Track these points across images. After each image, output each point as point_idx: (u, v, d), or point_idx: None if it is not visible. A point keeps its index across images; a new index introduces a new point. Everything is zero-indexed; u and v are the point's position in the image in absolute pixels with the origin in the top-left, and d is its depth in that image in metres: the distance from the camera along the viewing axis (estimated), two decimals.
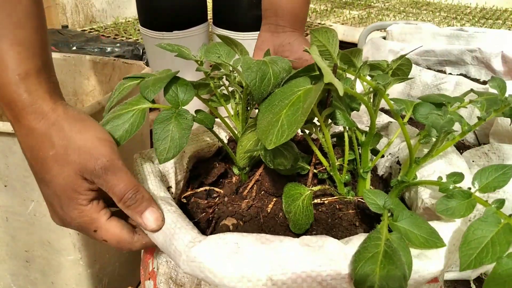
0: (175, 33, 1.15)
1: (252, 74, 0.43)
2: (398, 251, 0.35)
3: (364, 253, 0.36)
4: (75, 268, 0.68)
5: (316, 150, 0.50)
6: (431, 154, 0.42)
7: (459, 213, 0.37)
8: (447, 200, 0.38)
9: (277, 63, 0.45)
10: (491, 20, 2.63)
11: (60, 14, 2.36)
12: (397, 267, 0.34)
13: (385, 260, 0.35)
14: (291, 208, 0.49)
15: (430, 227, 0.38)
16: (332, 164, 0.49)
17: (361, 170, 0.50)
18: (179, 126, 0.45)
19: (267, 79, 0.44)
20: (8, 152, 0.58)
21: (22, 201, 0.63)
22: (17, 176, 0.60)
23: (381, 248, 0.36)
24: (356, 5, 3.00)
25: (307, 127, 0.48)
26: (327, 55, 0.45)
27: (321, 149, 0.51)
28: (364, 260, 0.35)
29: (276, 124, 0.39)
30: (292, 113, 0.39)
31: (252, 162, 0.56)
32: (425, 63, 1.05)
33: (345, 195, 0.52)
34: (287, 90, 0.42)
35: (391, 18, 2.63)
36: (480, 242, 0.34)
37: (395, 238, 0.37)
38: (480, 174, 0.38)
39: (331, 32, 0.43)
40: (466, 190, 0.38)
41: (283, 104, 0.40)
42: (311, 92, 0.39)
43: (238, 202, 0.54)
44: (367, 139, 0.48)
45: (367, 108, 0.44)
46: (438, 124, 0.39)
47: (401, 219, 0.39)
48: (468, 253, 0.34)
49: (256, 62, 0.45)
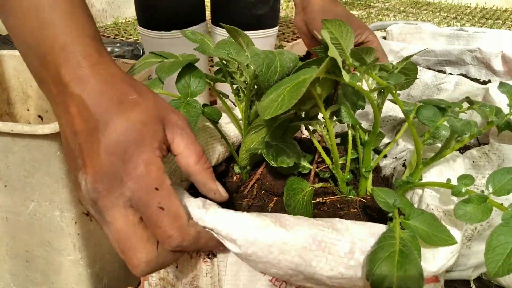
0: (173, 33, 1.15)
1: (259, 60, 0.44)
2: (413, 250, 0.35)
3: (379, 253, 0.35)
4: (75, 268, 0.68)
5: (319, 147, 0.50)
6: (440, 156, 0.42)
7: (476, 218, 0.37)
8: (464, 205, 0.37)
9: (283, 54, 0.46)
10: (491, 20, 2.63)
11: None
12: (414, 266, 0.34)
13: (401, 260, 0.35)
14: (291, 202, 0.48)
15: (440, 224, 0.38)
16: (335, 162, 0.49)
17: (363, 169, 0.50)
18: (187, 114, 0.45)
19: (274, 67, 0.44)
20: (8, 152, 0.58)
21: (22, 201, 0.62)
22: (17, 176, 0.60)
23: (397, 247, 0.35)
24: (356, 5, 3.00)
25: (312, 124, 0.48)
26: (339, 49, 0.44)
27: (324, 148, 0.51)
28: (380, 260, 0.35)
29: (277, 99, 0.39)
30: (294, 90, 0.39)
31: (253, 161, 0.56)
32: (425, 63, 1.05)
33: (346, 194, 0.52)
34: (294, 77, 0.42)
35: (391, 18, 2.63)
36: (506, 247, 0.34)
37: (408, 237, 0.37)
38: (493, 177, 0.38)
39: (345, 26, 0.42)
40: (482, 194, 0.37)
41: (287, 86, 0.41)
42: (313, 71, 0.40)
43: (239, 201, 0.54)
44: (370, 138, 0.48)
45: (372, 105, 0.44)
46: (458, 128, 0.39)
47: (413, 217, 0.38)
48: (494, 259, 0.34)
49: (263, 51, 0.45)
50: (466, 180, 0.39)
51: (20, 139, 0.56)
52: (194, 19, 1.16)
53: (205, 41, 0.51)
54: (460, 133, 0.38)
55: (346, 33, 0.43)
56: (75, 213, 0.63)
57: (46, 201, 0.62)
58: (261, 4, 1.13)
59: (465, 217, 0.37)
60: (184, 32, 0.51)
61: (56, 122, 0.55)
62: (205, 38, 0.52)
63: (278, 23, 1.23)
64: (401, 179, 0.46)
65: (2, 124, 0.55)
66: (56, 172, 0.59)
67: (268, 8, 1.14)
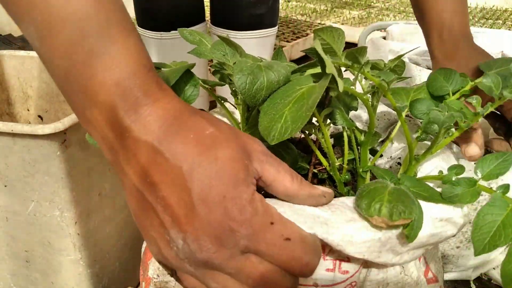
0: (173, 33, 1.15)
1: (242, 77, 0.41)
2: (407, 192, 0.36)
3: (370, 187, 0.37)
4: (75, 268, 0.68)
5: (316, 150, 0.50)
6: (431, 151, 0.43)
7: (465, 200, 0.37)
8: (452, 188, 0.38)
9: (272, 67, 0.43)
10: (491, 20, 2.63)
11: None
12: (407, 196, 0.35)
13: (394, 191, 0.36)
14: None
15: (433, 188, 0.39)
16: (332, 164, 0.49)
17: (360, 169, 0.50)
18: None
19: (260, 83, 0.41)
20: (8, 152, 0.58)
21: (22, 201, 0.63)
22: (17, 176, 0.60)
23: (389, 188, 0.37)
24: (356, 5, 2.99)
25: (306, 128, 0.48)
26: (332, 52, 0.44)
27: (321, 149, 0.51)
28: (372, 190, 0.36)
29: (279, 120, 0.38)
30: (296, 110, 0.38)
31: None
32: (425, 63, 1.05)
33: (345, 195, 0.52)
34: (289, 88, 0.42)
35: (391, 18, 2.63)
36: (492, 226, 0.34)
37: (404, 188, 0.38)
38: (482, 162, 0.39)
39: (336, 31, 0.43)
40: (471, 178, 0.38)
41: (285, 101, 0.40)
42: (315, 89, 0.39)
43: None
44: (366, 139, 0.49)
45: (366, 107, 0.44)
46: (439, 120, 0.39)
47: (406, 182, 0.39)
48: (481, 238, 0.34)
49: (250, 65, 0.42)
50: (456, 170, 0.39)
51: (20, 139, 0.56)
52: (193, 20, 1.17)
53: (203, 41, 0.50)
54: (440, 125, 0.39)
55: (338, 37, 0.43)
56: (75, 213, 0.63)
57: (46, 201, 0.62)
58: (260, 4, 1.13)
59: (454, 199, 0.38)
60: (181, 32, 0.50)
61: (57, 122, 0.55)
62: (203, 38, 0.51)
63: (278, 23, 1.23)
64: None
65: (2, 124, 0.55)
66: (56, 172, 0.59)
67: (267, 8, 1.15)
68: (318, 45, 0.38)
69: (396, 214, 0.34)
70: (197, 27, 1.18)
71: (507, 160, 0.38)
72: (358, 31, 2.03)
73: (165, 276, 0.48)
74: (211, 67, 0.54)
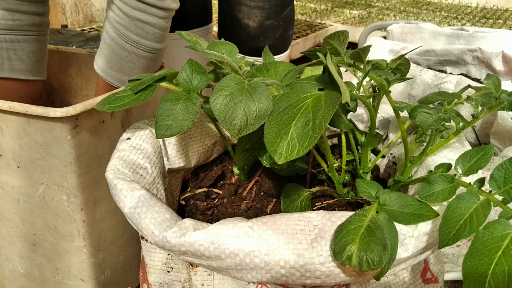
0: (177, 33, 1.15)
1: (219, 98, 0.40)
2: (382, 228, 0.35)
3: (346, 225, 0.36)
4: (78, 255, 0.69)
5: (314, 152, 0.50)
6: (425, 153, 0.42)
7: (442, 197, 0.37)
8: (429, 186, 0.38)
9: (256, 90, 0.41)
10: (491, 20, 2.57)
11: (60, 13, 2.36)
12: (378, 239, 0.34)
13: (366, 233, 0.35)
14: (289, 209, 0.48)
15: (419, 202, 0.38)
16: (330, 165, 0.49)
17: (360, 170, 0.50)
18: (186, 109, 0.44)
19: (241, 115, 0.39)
20: (23, 133, 0.61)
21: (32, 183, 0.65)
22: (29, 157, 0.62)
23: (365, 223, 0.36)
24: (356, 5, 2.97)
25: None
26: (336, 53, 0.44)
27: (319, 150, 0.51)
28: (345, 231, 0.35)
29: (285, 137, 0.38)
30: (302, 126, 0.38)
31: (250, 161, 0.56)
32: (425, 63, 1.04)
33: (344, 196, 0.51)
34: (293, 96, 0.41)
35: (391, 18, 2.60)
36: (459, 219, 0.34)
37: (382, 219, 0.37)
38: (462, 158, 0.38)
39: (342, 34, 0.43)
40: (449, 175, 0.38)
41: (291, 113, 0.39)
42: (320, 102, 0.38)
43: (238, 203, 0.54)
44: (367, 140, 0.48)
45: (368, 109, 0.44)
46: (426, 123, 0.39)
47: (389, 202, 0.38)
48: (447, 231, 0.34)
49: (235, 84, 0.41)
50: (443, 168, 0.39)
51: (34, 121, 0.59)
52: (198, 21, 1.16)
53: (199, 42, 0.52)
54: (425, 128, 0.39)
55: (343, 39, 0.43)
56: (81, 199, 0.65)
57: (55, 185, 0.64)
58: (263, 38, 1.07)
59: (430, 198, 0.37)
60: (180, 32, 0.52)
61: (69, 107, 0.57)
62: (199, 40, 0.52)
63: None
64: (392, 178, 0.45)
65: (19, 105, 0.58)
66: (66, 156, 0.61)
67: (273, 40, 1.08)
68: (332, 67, 0.38)
69: (365, 265, 0.34)
70: (202, 29, 1.17)
71: (487, 154, 0.37)
72: (358, 31, 2.02)
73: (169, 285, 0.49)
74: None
